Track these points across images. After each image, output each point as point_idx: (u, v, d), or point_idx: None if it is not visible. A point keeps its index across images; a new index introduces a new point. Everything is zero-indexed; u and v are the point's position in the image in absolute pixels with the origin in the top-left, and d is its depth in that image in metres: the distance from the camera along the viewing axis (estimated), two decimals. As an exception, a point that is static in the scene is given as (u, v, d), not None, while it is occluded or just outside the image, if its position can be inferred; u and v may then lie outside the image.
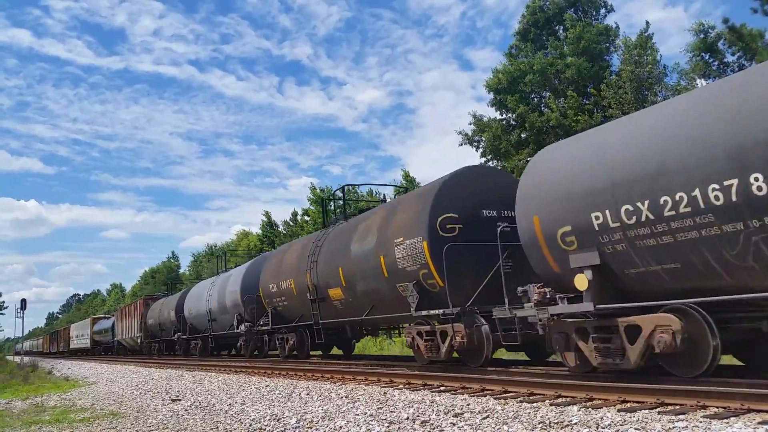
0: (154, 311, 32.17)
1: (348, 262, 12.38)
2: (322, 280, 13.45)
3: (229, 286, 20.63)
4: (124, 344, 40.44)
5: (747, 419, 4.82)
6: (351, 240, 12.49)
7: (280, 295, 15.99)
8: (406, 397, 7.79)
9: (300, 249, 15.36)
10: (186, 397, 10.52)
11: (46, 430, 8.00)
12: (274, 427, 6.62)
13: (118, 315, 43.11)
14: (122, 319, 40.66)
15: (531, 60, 26.95)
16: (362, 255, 11.81)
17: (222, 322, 21.11)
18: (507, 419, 5.67)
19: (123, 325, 40.07)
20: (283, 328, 16.28)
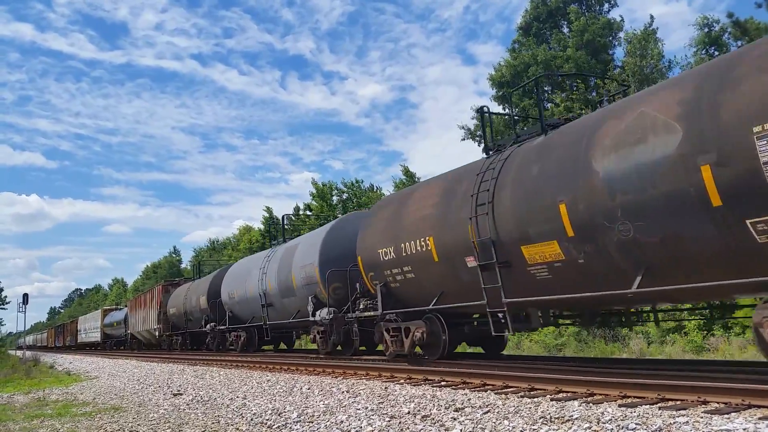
0: (176, 299, 27.48)
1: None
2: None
3: (297, 259, 15.26)
4: (138, 338, 36.50)
5: (748, 414, 4.81)
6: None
7: (400, 265, 10.83)
8: (407, 391, 7.80)
9: (442, 190, 10.29)
10: (187, 392, 10.54)
11: (48, 424, 8.03)
12: (276, 422, 6.63)
13: (131, 305, 38.74)
14: (136, 310, 36.18)
15: (535, 52, 26.86)
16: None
17: (282, 308, 16.38)
18: (508, 414, 5.68)
19: (137, 316, 35.77)
20: (397, 314, 11.39)
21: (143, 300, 34.77)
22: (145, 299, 34.29)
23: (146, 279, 77.06)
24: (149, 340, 34.27)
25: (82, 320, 58.34)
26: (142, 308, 34.34)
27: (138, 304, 36.20)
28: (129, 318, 38.56)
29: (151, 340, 33.64)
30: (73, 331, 60.56)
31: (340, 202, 39.54)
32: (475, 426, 5.29)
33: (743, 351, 12.51)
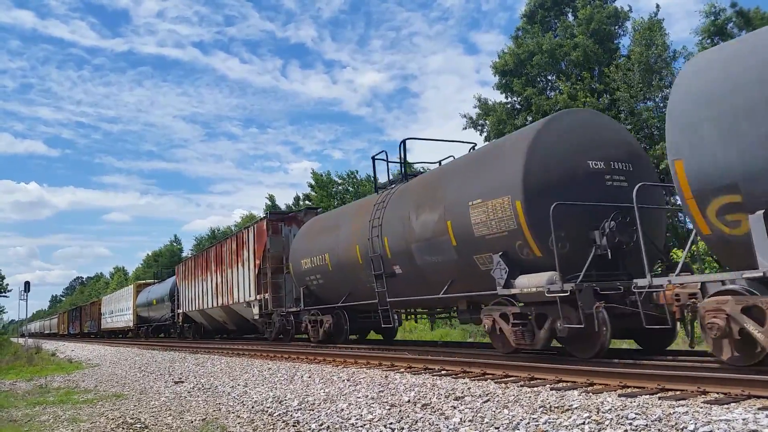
0: (304, 244, 15.37)
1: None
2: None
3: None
4: (201, 323, 26.09)
5: (747, 405, 4.82)
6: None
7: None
8: (408, 380, 7.83)
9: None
10: (189, 380, 10.59)
11: (50, 411, 8.07)
12: (277, 409, 6.66)
13: (186, 270, 27.43)
14: (195, 277, 25.31)
15: (540, 40, 26.67)
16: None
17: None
18: (508, 403, 5.69)
19: (198, 287, 24.75)
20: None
21: (212, 257, 22.96)
22: (218, 254, 22.20)
23: (147, 267, 77.20)
24: (224, 325, 23.22)
25: (108, 301, 47.32)
26: (210, 272, 22.87)
27: (200, 267, 24.70)
28: (181, 291, 27.82)
29: (228, 324, 22.63)
30: (95, 314, 50.00)
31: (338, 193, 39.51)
32: (475, 415, 5.31)
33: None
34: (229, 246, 21.44)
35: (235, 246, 20.59)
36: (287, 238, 17.63)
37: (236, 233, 21.44)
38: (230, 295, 20.83)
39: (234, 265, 20.56)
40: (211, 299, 23.29)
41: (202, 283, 24.65)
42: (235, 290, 20.34)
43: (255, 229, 18.81)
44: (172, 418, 6.76)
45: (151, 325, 34.80)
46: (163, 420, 6.71)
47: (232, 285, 20.68)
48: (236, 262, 20.28)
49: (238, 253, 20.05)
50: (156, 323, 33.79)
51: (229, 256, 21.28)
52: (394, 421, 5.43)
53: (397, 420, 5.45)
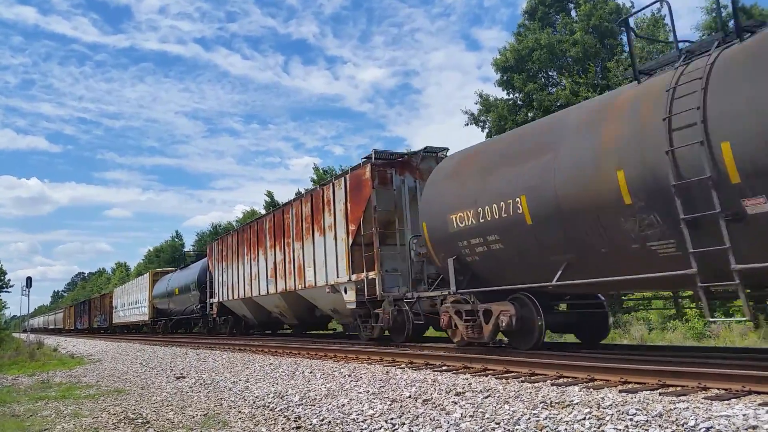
0: (454, 190, 9.77)
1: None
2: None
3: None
4: (244, 315, 21.18)
5: (748, 401, 4.83)
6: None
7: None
8: (409, 376, 7.84)
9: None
10: (190, 375, 10.62)
11: (52, 405, 8.10)
12: (278, 404, 6.68)
13: (222, 251, 22.32)
14: (238, 258, 20.15)
15: (539, 37, 26.62)
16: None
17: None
18: (508, 398, 5.70)
19: (241, 269, 19.84)
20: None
21: (270, 228, 17.52)
22: (273, 225, 17.29)
23: (149, 263, 77.28)
24: (282, 317, 18.36)
25: (120, 293, 42.58)
26: (271, 247, 17.41)
27: (248, 242, 19.40)
28: (216, 276, 22.96)
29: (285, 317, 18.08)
30: (105, 308, 45.37)
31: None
32: (476, 410, 5.32)
33: (744, 338, 12.53)
34: (297, 211, 15.79)
35: (309, 209, 15.10)
36: (399, 191, 12.60)
37: (310, 192, 15.70)
38: (299, 278, 15.50)
39: (307, 236, 15.08)
40: (264, 284, 17.92)
41: (248, 265, 19.39)
42: (308, 271, 14.97)
43: (348, 181, 13.24)
44: (173, 413, 6.78)
45: (171, 319, 29.87)
46: (164, 415, 6.73)
47: (302, 263, 15.30)
48: (311, 231, 14.87)
49: (315, 218, 14.68)
50: (179, 316, 28.67)
51: (298, 225, 15.72)
52: (396, 416, 5.44)
53: (399, 415, 5.46)
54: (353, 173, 13.16)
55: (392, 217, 12.63)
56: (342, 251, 13.36)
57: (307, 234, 15.21)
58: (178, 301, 28.49)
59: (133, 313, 36.84)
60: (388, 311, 11.90)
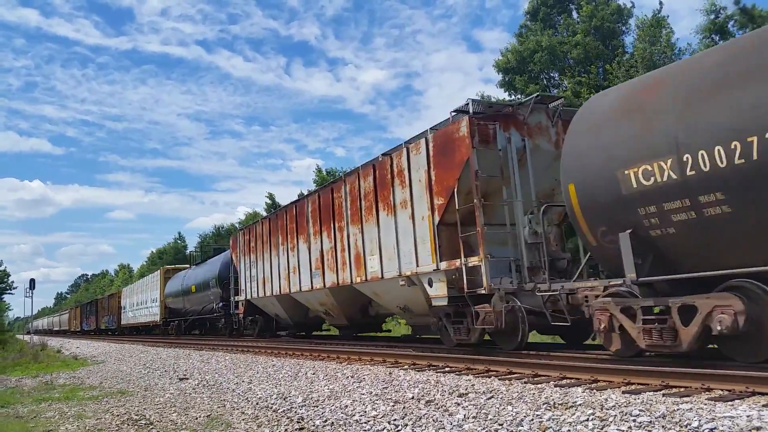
0: (633, 131, 6.77)
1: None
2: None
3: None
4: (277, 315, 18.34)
5: (752, 402, 4.82)
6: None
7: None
8: (411, 377, 7.84)
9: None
10: (193, 376, 10.63)
11: (55, 407, 8.12)
12: (281, 406, 6.68)
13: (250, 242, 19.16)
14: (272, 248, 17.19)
15: (540, 38, 26.63)
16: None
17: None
18: (511, 400, 5.70)
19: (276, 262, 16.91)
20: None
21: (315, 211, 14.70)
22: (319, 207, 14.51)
23: (152, 264, 77.39)
24: (328, 316, 15.54)
25: (129, 292, 40.07)
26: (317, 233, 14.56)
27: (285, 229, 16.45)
28: (242, 271, 19.81)
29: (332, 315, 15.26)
30: (113, 308, 43.08)
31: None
32: (479, 411, 5.32)
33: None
34: (353, 188, 12.90)
35: (370, 184, 12.19)
36: (505, 152, 9.59)
37: (371, 163, 12.50)
38: (356, 269, 12.65)
39: (368, 218, 12.23)
40: (306, 278, 15.01)
41: (284, 256, 16.45)
42: (370, 260, 12.11)
43: (430, 143, 10.35)
44: (176, 415, 6.79)
45: (186, 320, 27.25)
46: (168, 416, 6.74)
47: (361, 251, 12.46)
48: (373, 210, 12.03)
49: (381, 194, 11.80)
50: (195, 317, 26.05)
51: (355, 205, 12.81)
52: (398, 417, 5.44)
53: (401, 416, 5.47)
54: (439, 132, 10.20)
55: (497, 186, 9.55)
56: (424, 233, 10.46)
57: (368, 215, 12.28)
58: (194, 300, 25.82)
59: (143, 313, 34.26)
60: (500, 308, 8.82)
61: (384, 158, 11.94)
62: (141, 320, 35.14)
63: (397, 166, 11.37)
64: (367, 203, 12.40)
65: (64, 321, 68.28)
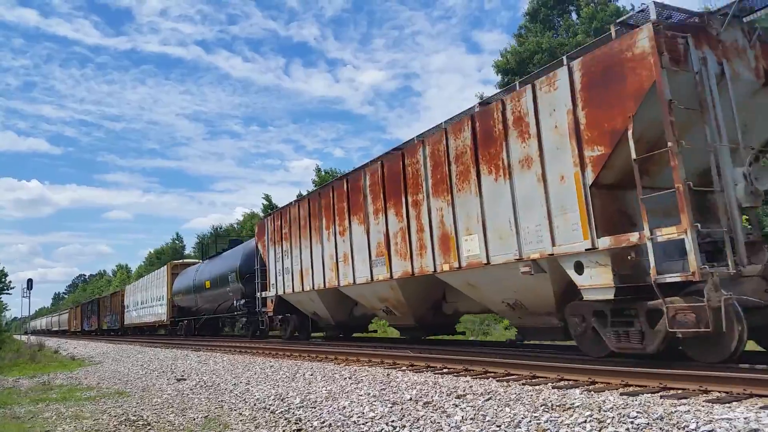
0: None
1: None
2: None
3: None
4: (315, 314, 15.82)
5: (749, 404, 4.82)
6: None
7: None
8: (409, 378, 7.84)
9: None
10: (191, 377, 10.62)
11: (53, 407, 8.10)
12: (279, 407, 6.68)
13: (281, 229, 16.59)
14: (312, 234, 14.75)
15: (540, 39, 26.66)
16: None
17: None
18: (509, 401, 5.70)
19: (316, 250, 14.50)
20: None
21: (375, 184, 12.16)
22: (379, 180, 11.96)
23: (150, 265, 77.32)
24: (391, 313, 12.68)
25: (132, 290, 38.26)
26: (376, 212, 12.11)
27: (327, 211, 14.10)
28: (271, 262, 17.24)
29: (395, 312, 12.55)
30: (116, 307, 41.09)
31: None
32: (477, 413, 5.32)
33: (745, 341, 12.52)
34: (436, 150, 10.29)
35: (469, 139, 9.45)
36: (702, 78, 6.91)
37: (468, 113, 9.83)
38: (443, 253, 10.07)
39: (463, 186, 9.59)
40: (362, 268, 12.55)
41: (329, 242, 13.96)
42: (466, 241, 9.47)
43: (580, 68, 7.54)
44: (174, 416, 6.78)
45: (198, 319, 25.14)
46: (165, 417, 6.74)
47: (450, 230, 9.84)
48: (471, 176, 9.35)
49: (484, 153, 9.09)
50: (209, 315, 23.91)
51: (439, 171, 10.17)
52: (396, 418, 5.44)
53: (399, 418, 5.46)
54: (593, 55, 7.37)
55: (689, 124, 6.86)
56: (566, 198, 7.64)
57: (462, 182, 9.51)
58: (209, 297, 23.35)
59: (149, 312, 31.89)
60: (716, 303, 5.94)
61: (487, 107, 9.11)
62: (146, 320, 33.05)
63: (514, 112, 8.54)
64: (460, 167, 9.63)
65: (63, 321, 66.24)
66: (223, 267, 22.20)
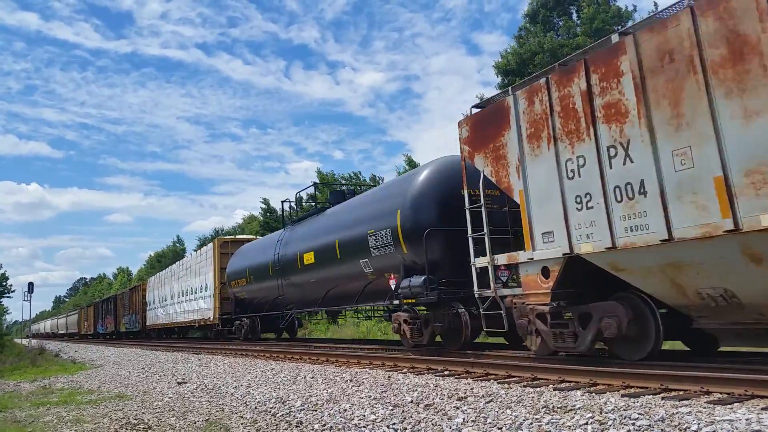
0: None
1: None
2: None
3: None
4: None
5: (751, 405, 4.81)
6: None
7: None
8: (410, 381, 7.83)
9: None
10: (192, 380, 10.60)
11: (54, 411, 8.09)
12: (280, 410, 6.67)
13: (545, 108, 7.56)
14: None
15: (541, 40, 26.64)
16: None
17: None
18: (511, 403, 5.69)
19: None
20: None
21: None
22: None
23: (151, 268, 77.26)
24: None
25: (157, 282, 30.96)
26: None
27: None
28: (544, 184, 7.62)
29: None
30: (136, 305, 34.25)
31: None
32: (478, 415, 5.31)
33: (747, 341, 12.49)
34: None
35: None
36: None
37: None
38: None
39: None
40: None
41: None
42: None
43: None
44: (175, 419, 6.77)
45: (281, 315, 17.41)
46: (166, 420, 6.73)
47: None
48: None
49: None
50: (307, 310, 16.18)
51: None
52: (397, 421, 5.43)
53: (400, 420, 5.46)
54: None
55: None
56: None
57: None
58: (312, 280, 14.81)
59: (183, 309, 24.36)
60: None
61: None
62: (179, 319, 25.39)
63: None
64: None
65: (72, 323, 59.81)
66: (354, 224, 12.91)
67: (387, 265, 11.79)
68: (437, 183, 10.93)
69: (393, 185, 12.77)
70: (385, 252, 11.61)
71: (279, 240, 17.17)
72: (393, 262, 11.56)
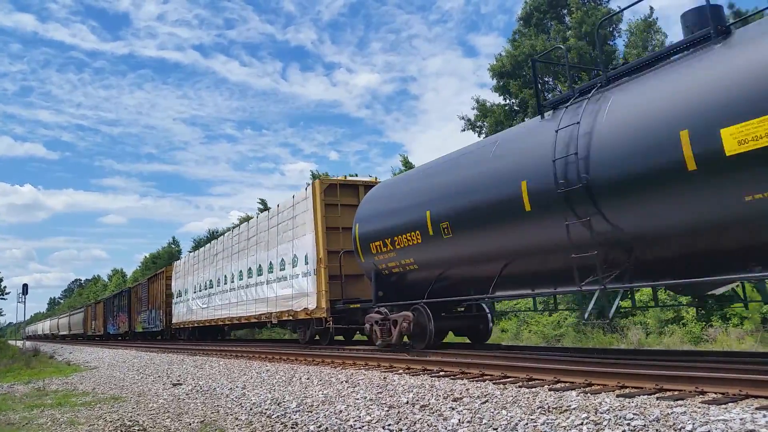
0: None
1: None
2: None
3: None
4: None
5: (745, 405, 4.83)
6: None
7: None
8: (406, 381, 7.83)
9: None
10: (187, 382, 10.58)
11: (48, 413, 8.06)
12: (275, 411, 6.66)
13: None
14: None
15: (535, 42, 26.73)
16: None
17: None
18: (506, 404, 5.70)
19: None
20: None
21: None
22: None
23: (146, 269, 76.95)
24: None
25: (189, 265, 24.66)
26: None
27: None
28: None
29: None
30: (156, 299, 28.34)
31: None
32: (473, 415, 5.31)
33: (741, 342, 12.54)
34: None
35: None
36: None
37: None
38: None
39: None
40: None
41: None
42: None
43: None
44: (170, 421, 6.76)
45: (489, 299, 9.53)
46: (161, 422, 6.71)
47: None
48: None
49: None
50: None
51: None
52: (393, 422, 5.43)
53: (396, 421, 5.45)
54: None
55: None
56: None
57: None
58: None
59: (247, 298, 17.87)
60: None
61: None
62: (235, 313, 18.68)
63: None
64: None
65: (76, 323, 53.18)
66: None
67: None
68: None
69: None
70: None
71: (497, 143, 9.02)
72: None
